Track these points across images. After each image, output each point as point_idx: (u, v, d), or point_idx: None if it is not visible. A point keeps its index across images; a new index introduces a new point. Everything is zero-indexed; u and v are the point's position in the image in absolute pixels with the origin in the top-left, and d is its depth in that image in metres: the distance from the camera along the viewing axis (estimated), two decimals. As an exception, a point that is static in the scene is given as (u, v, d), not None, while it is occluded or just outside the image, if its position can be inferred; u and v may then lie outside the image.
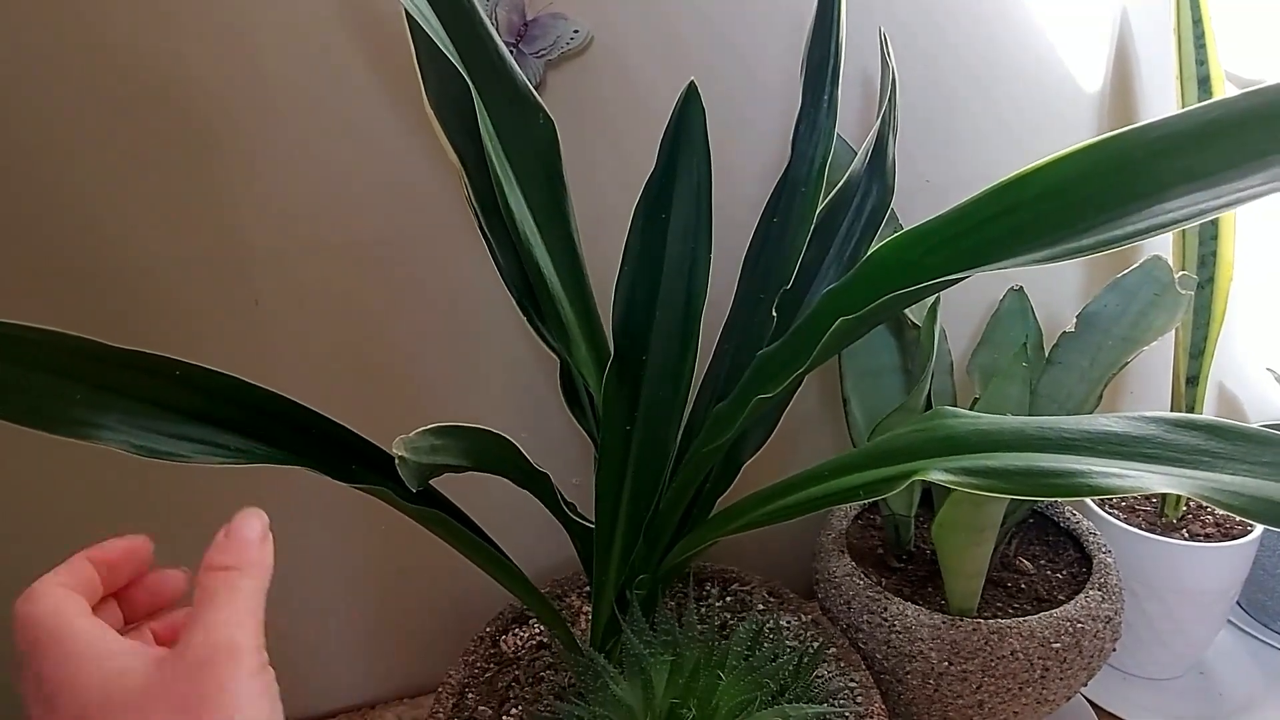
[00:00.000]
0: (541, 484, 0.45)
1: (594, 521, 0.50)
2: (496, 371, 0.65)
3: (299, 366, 0.60)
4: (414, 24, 0.45)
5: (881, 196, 0.57)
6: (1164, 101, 0.76)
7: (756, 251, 0.57)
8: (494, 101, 0.46)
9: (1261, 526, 0.67)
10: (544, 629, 0.60)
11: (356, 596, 0.68)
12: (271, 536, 0.31)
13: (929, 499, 0.70)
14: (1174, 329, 0.63)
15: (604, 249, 0.53)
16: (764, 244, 0.57)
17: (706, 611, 0.51)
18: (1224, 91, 0.67)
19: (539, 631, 0.60)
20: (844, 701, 0.51)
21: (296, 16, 0.53)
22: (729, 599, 0.63)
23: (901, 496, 0.65)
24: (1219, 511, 0.70)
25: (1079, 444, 0.35)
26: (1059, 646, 0.52)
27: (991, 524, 0.54)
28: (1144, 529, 0.68)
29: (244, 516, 0.31)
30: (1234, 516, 0.46)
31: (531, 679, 0.56)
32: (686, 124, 0.53)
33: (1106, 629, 0.55)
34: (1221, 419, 0.33)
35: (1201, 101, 0.52)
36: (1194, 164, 0.30)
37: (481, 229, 0.49)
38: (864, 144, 0.56)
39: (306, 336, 0.60)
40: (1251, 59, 0.74)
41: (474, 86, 0.43)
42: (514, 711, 0.53)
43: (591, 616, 0.52)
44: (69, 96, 0.50)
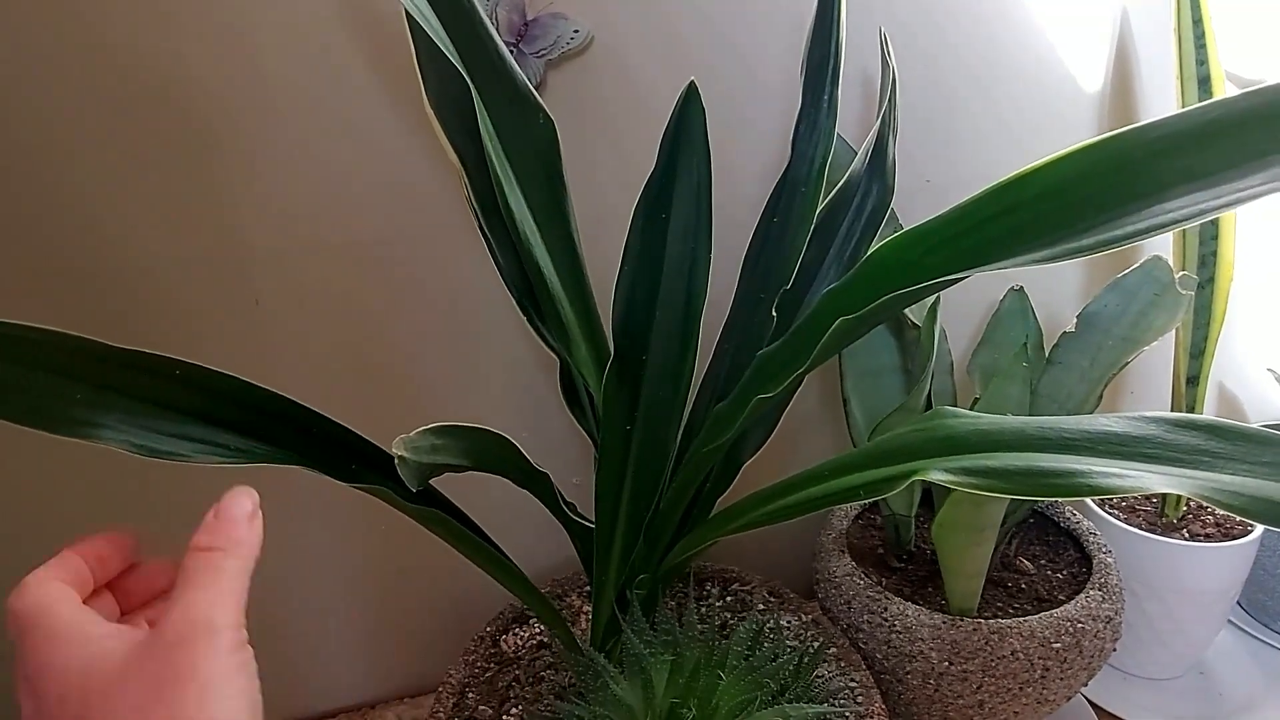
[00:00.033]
0: (541, 484, 0.45)
1: (594, 521, 0.50)
2: (496, 371, 0.65)
3: (299, 366, 0.60)
4: (414, 24, 0.45)
5: (881, 196, 0.57)
6: (1164, 101, 0.76)
7: (756, 251, 0.57)
8: (494, 101, 0.46)
9: (1262, 526, 0.67)
10: (544, 629, 0.60)
11: (357, 596, 0.68)
12: (261, 514, 0.31)
13: (929, 499, 0.70)
14: (1174, 329, 0.63)
15: (604, 249, 0.53)
16: (764, 244, 0.57)
17: (707, 611, 0.51)
18: (1224, 91, 0.66)
19: (539, 631, 0.60)
20: (844, 701, 0.51)
21: (296, 16, 0.53)
22: (729, 599, 0.63)
23: (902, 496, 0.65)
24: (1219, 511, 0.70)
25: (1079, 444, 0.35)
26: (1059, 646, 0.52)
27: (991, 524, 0.54)
28: (1144, 529, 0.68)
29: (232, 495, 0.31)
30: (1234, 516, 0.46)
31: (532, 679, 0.56)
32: (687, 124, 0.53)
33: (1107, 629, 0.55)
34: (1222, 419, 0.33)
35: (1202, 101, 0.52)
36: (1194, 164, 0.30)
37: (481, 229, 0.49)
38: (864, 144, 0.56)
39: (307, 336, 0.60)
40: (1252, 59, 0.74)
41: (474, 86, 0.43)
42: (514, 711, 0.53)
43: (592, 616, 0.52)
44: (69, 96, 0.50)
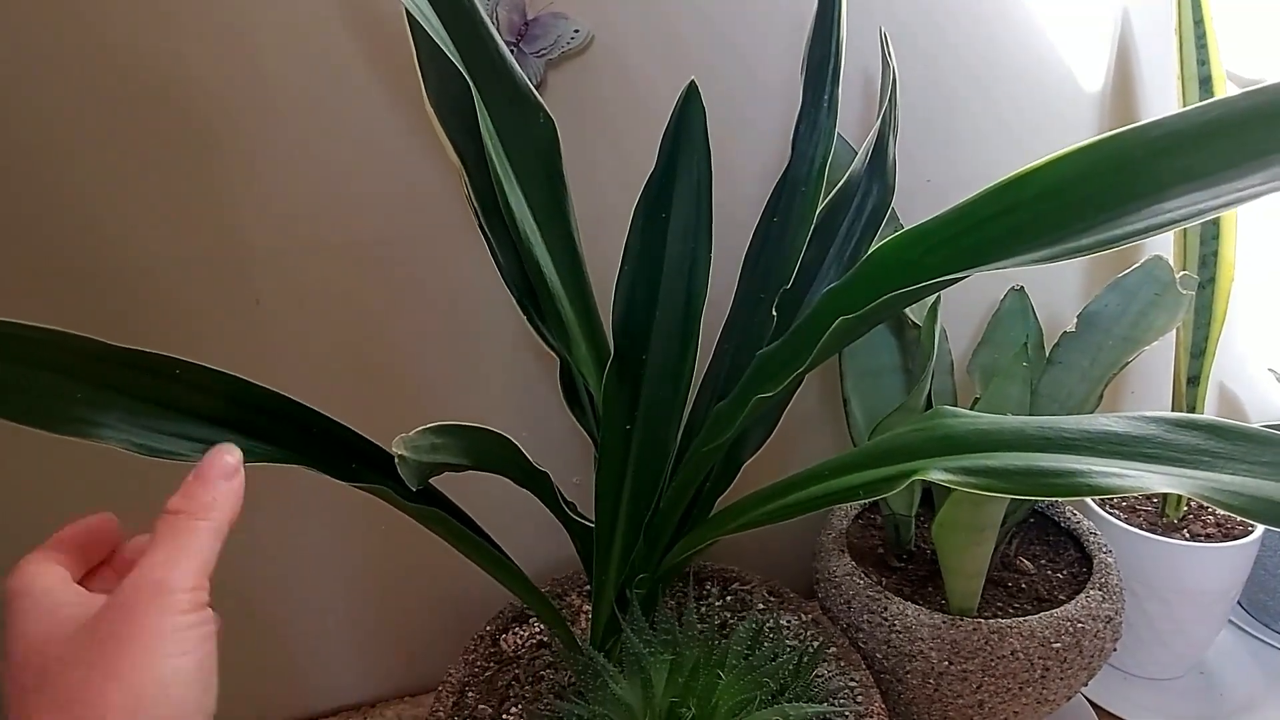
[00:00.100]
0: (541, 483, 0.45)
1: (594, 520, 0.50)
2: (496, 371, 0.65)
3: (299, 366, 0.60)
4: (414, 23, 0.45)
5: (882, 196, 0.57)
6: (1165, 101, 0.76)
7: (757, 251, 0.57)
8: (494, 101, 0.46)
9: (1262, 526, 0.67)
10: (544, 628, 0.60)
11: (357, 595, 0.68)
12: (242, 473, 0.31)
13: (929, 499, 0.70)
14: (1175, 329, 0.63)
15: (604, 248, 0.53)
16: (764, 243, 0.57)
17: (706, 611, 0.51)
18: (1225, 91, 0.66)
19: (539, 630, 0.60)
20: (844, 701, 0.51)
21: (296, 16, 0.53)
22: (729, 598, 0.63)
23: (902, 496, 0.65)
24: (1220, 511, 0.70)
25: (1079, 444, 0.35)
26: (1059, 646, 0.52)
27: (991, 524, 0.54)
28: (1145, 529, 0.68)
29: (212, 453, 0.31)
30: (1235, 517, 0.46)
31: (531, 678, 0.56)
32: (687, 123, 0.53)
33: (1107, 629, 0.55)
34: (1222, 419, 0.33)
35: (1203, 101, 0.52)
36: (1193, 163, 0.30)
37: (482, 228, 0.49)
38: (864, 144, 0.56)
39: (307, 336, 0.60)
40: (1253, 59, 0.74)
41: (474, 86, 0.43)
42: (514, 710, 0.53)
43: (591, 615, 0.52)
44: (69, 96, 0.50)
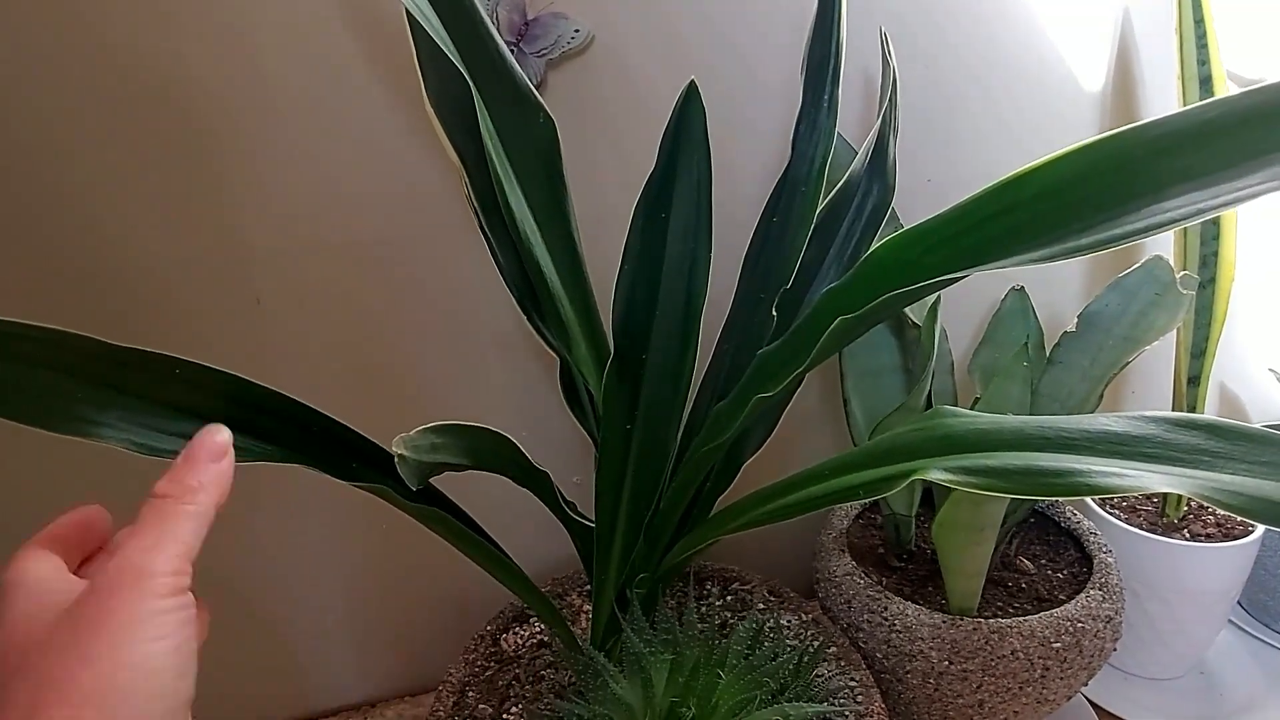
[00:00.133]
0: (541, 483, 0.45)
1: (594, 520, 0.50)
2: (496, 370, 0.65)
3: (299, 365, 0.60)
4: (414, 23, 0.45)
5: (882, 196, 0.57)
6: (1165, 101, 0.76)
7: (757, 251, 0.57)
8: (494, 101, 0.46)
9: (1263, 526, 0.67)
10: (544, 627, 0.60)
11: (357, 594, 0.68)
12: (232, 453, 0.30)
13: (930, 498, 0.70)
14: (1175, 329, 0.63)
15: (604, 248, 0.53)
16: (764, 243, 0.57)
17: (707, 610, 0.51)
18: (1225, 91, 0.66)
19: (539, 630, 0.60)
20: (844, 700, 0.51)
21: (296, 16, 0.53)
22: (729, 598, 0.63)
23: (902, 496, 0.65)
24: (1220, 511, 0.70)
25: (1078, 443, 0.35)
26: (1059, 646, 0.52)
27: (991, 523, 0.54)
28: (1145, 529, 0.68)
29: (201, 435, 0.30)
30: (1235, 516, 0.46)
31: (532, 677, 0.56)
32: (687, 123, 0.53)
33: (1107, 629, 0.54)
34: (1221, 418, 0.33)
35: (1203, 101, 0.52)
36: (1193, 163, 0.30)
37: (482, 228, 0.49)
38: (864, 143, 0.56)
39: (307, 336, 0.60)
40: (1253, 59, 0.74)
41: (474, 86, 0.43)
42: (514, 710, 0.53)
43: (592, 615, 0.52)
44: (69, 96, 0.51)
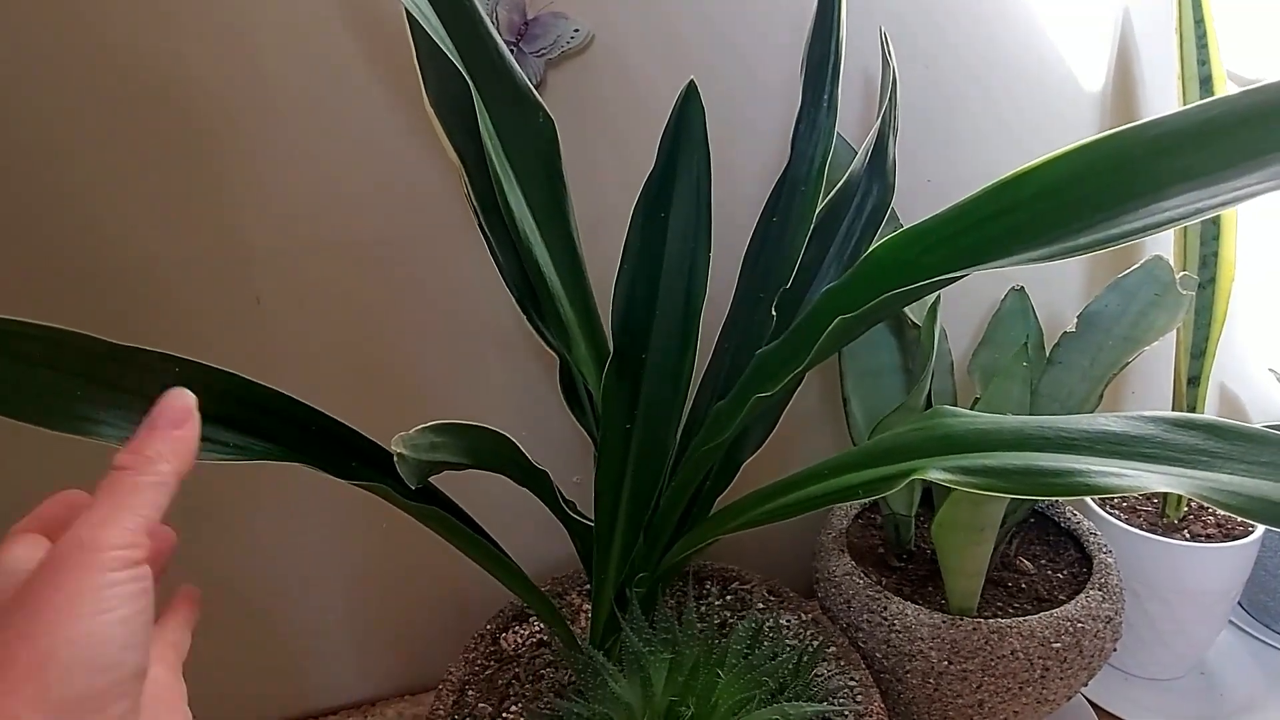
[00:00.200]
0: (541, 482, 0.45)
1: (594, 519, 0.50)
2: (496, 370, 0.65)
3: (299, 365, 0.60)
4: (414, 23, 0.45)
5: (882, 196, 0.57)
6: (1166, 101, 0.76)
7: (756, 250, 0.57)
8: (494, 100, 0.46)
9: (1263, 527, 0.67)
10: (544, 627, 0.60)
11: (357, 593, 0.68)
12: (196, 418, 0.29)
13: (929, 498, 0.70)
14: (1175, 329, 0.63)
15: (604, 248, 0.53)
16: (764, 243, 0.57)
17: (706, 610, 0.51)
18: (1226, 91, 0.66)
19: (539, 629, 0.60)
20: (843, 700, 0.51)
21: (296, 16, 0.53)
22: (729, 597, 0.63)
23: (901, 496, 0.65)
24: (1220, 512, 0.70)
25: (1078, 443, 0.35)
26: (1059, 646, 0.52)
27: (991, 523, 0.54)
28: (1145, 529, 0.68)
29: (162, 400, 0.29)
30: (1235, 517, 0.46)
31: (531, 676, 0.56)
32: (686, 123, 0.53)
33: (1107, 629, 0.54)
34: (1220, 419, 0.33)
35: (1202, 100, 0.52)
36: (1192, 163, 0.30)
37: (481, 228, 0.49)
38: (864, 143, 0.56)
39: (307, 335, 0.60)
40: (1253, 58, 0.74)
41: (474, 85, 0.43)
42: (514, 709, 0.53)
43: (591, 614, 0.53)
44: (69, 96, 0.51)
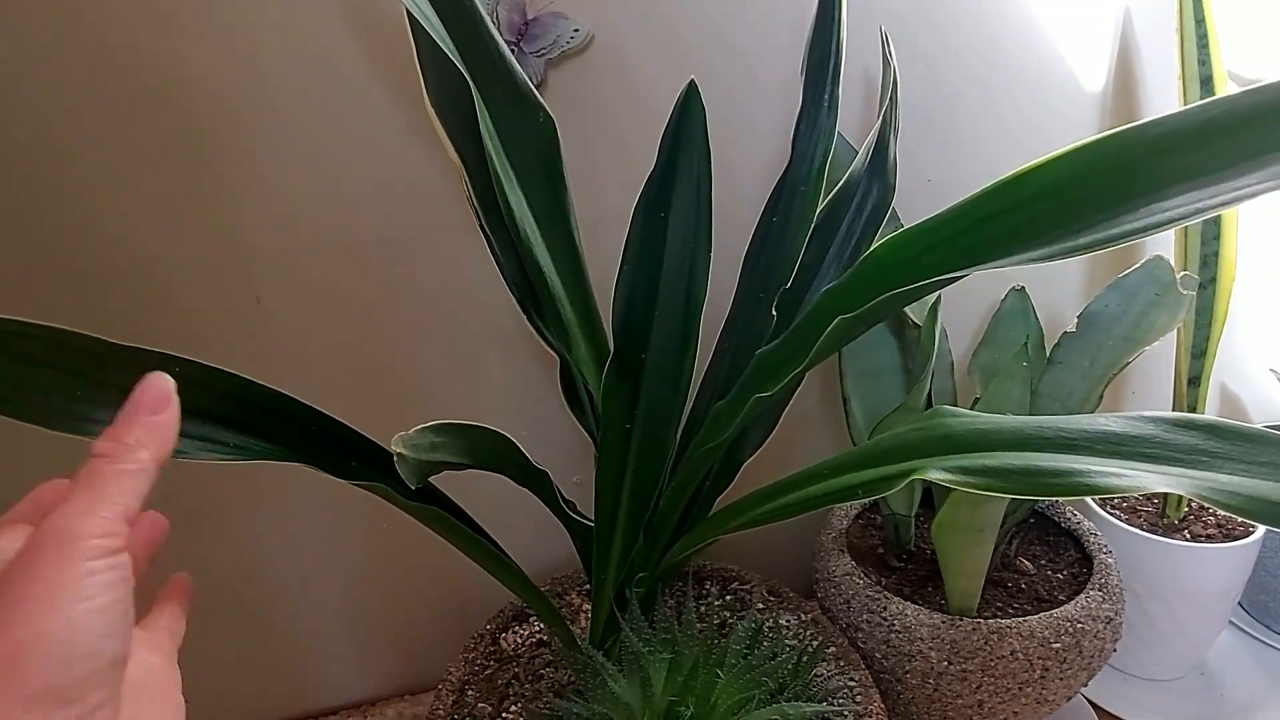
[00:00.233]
0: (541, 482, 0.45)
1: (593, 519, 0.50)
2: (496, 370, 0.65)
3: (299, 364, 0.60)
4: (415, 23, 0.45)
5: (882, 196, 0.57)
6: (1166, 101, 0.76)
7: (756, 250, 0.57)
8: (494, 100, 0.46)
9: (1263, 527, 0.67)
10: (544, 627, 0.60)
11: (357, 593, 0.68)
12: (175, 402, 0.28)
13: (929, 498, 0.70)
14: (1176, 329, 0.63)
15: (604, 248, 0.53)
16: (764, 243, 0.57)
17: (705, 610, 0.51)
18: (1226, 91, 0.66)
19: (539, 629, 0.60)
20: (843, 700, 0.51)
21: (296, 16, 0.53)
22: (728, 597, 0.63)
23: (901, 496, 0.65)
24: (1221, 512, 0.70)
25: (1078, 443, 0.35)
26: (1059, 647, 0.52)
27: (991, 524, 0.54)
28: (1145, 529, 0.68)
29: (140, 386, 0.28)
30: (1235, 517, 0.46)
31: (531, 676, 0.56)
32: (686, 123, 0.53)
33: (1107, 629, 0.54)
34: (1220, 419, 0.33)
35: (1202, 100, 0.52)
36: (1192, 163, 0.30)
37: (482, 227, 0.49)
38: (865, 143, 0.55)
39: (307, 335, 0.60)
40: (1254, 59, 0.74)
41: (474, 85, 0.43)
42: (513, 708, 0.53)
43: (591, 614, 0.53)
44: (69, 96, 0.51)
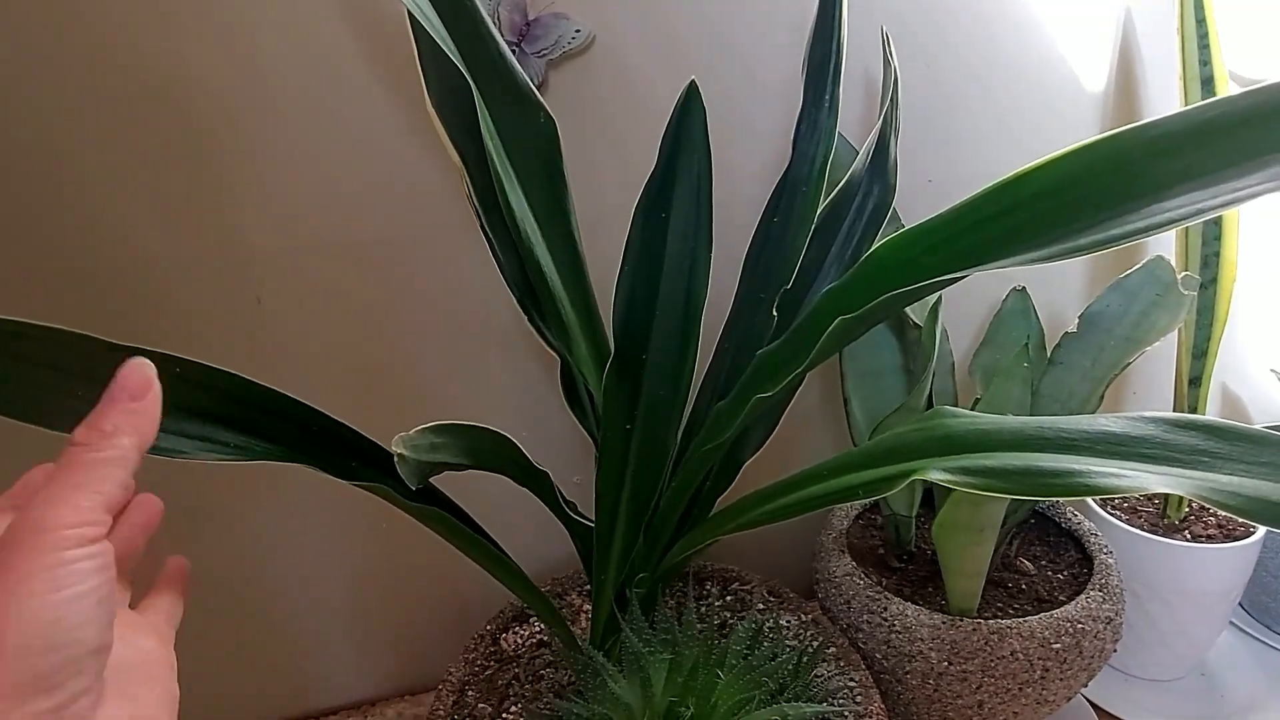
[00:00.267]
0: (541, 482, 0.45)
1: (594, 520, 0.50)
2: (497, 370, 0.65)
3: (300, 365, 0.60)
4: (415, 23, 0.45)
5: (883, 196, 0.57)
6: (1167, 102, 0.76)
7: (757, 251, 0.57)
8: (495, 100, 0.46)
9: (1264, 528, 0.67)
10: (544, 627, 0.60)
11: (357, 594, 0.68)
12: (156, 388, 0.28)
13: (930, 499, 0.70)
14: (1177, 329, 0.63)
15: (605, 248, 0.53)
16: (765, 243, 0.57)
17: (706, 610, 0.51)
18: (1227, 92, 0.66)
19: (539, 629, 0.60)
20: (843, 701, 0.51)
21: (296, 16, 0.53)
22: (729, 598, 0.63)
23: (902, 496, 0.65)
24: (1221, 512, 0.70)
25: (1078, 444, 0.35)
26: (1059, 647, 0.52)
27: (991, 524, 0.53)
28: (1146, 530, 0.68)
29: (120, 372, 0.28)
30: (1236, 518, 0.46)
31: (531, 677, 0.56)
32: (687, 123, 0.53)
33: (1107, 630, 0.54)
34: (1220, 419, 0.33)
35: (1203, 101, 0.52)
36: (1192, 163, 0.30)
37: (482, 227, 0.49)
38: (865, 143, 0.56)
39: (307, 335, 0.60)
40: (1255, 59, 0.74)
41: (475, 85, 0.43)
42: (514, 709, 0.53)
43: (591, 615, 0.53)
44: (69, 96, 0.51)
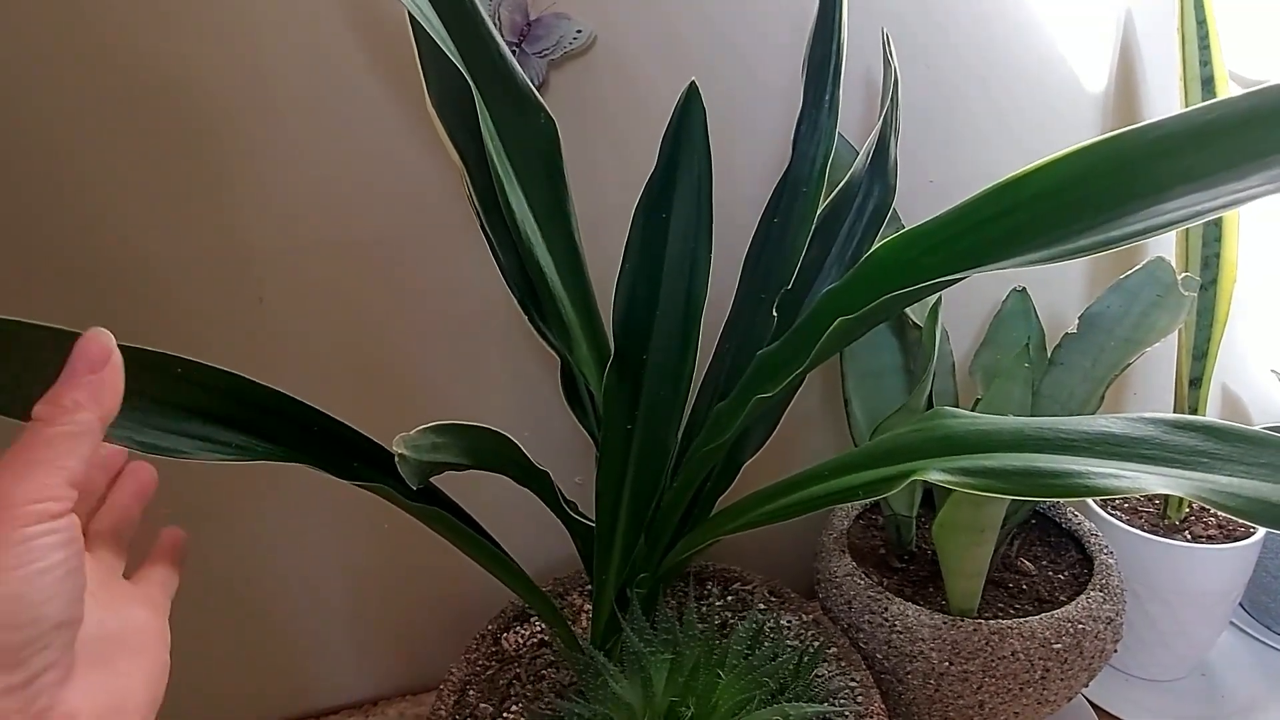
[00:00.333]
0: (542, 482, 0.45)
1: (595, 520, 0.50)
2: (497, 370, 0.65)
3: (301, 365, 0.60)
4: (416, 23, 0.45)
5: (883, 197, 0.57)
6: (1168, 102, 0.76)
7: (757, 251, 0.57)
8: (495, 101, 0.46)
9: (1264, 529, 0.67)
10: (545, 627, 0.60)
11: (359, 594, 0.68)
12: (116, 358, 0.28)
13: (930, 499, 0.70)
14: (1177, 330, 0.63)
15: (605, 248, 0.53)
16: (765, 244, 0.57)
17: (707, 610, 0.51)
18: (1228, 92, 0.66)
19: (540, 629, 0.60)
20: (844, 701, 0.51)
21: (296, 16, 0.53)
22: (730, 598, 0.63)
23: (902, 496, 0.65)
24: (1222, 513, 0.70)
25: (1077, 444, 0.35)
26: (1060, 647, 0.52)
27: (992, 524, 0.54)
28: (1146, 530, 0.68)
29: (79, 344, 0.28)
30: (1236, 518, 0.46)
31: (532, 676, 0.56)
32: (687, 123, 0.53)
33: (1107, 630, 0.54)
34: (1219, 420, 0.33)
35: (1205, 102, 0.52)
36: (1192, 165, 0.30)
37: (483, 228, 0.49)
38: (866, 144, 0.56)
39: (308, 335, 0.60)
40: (1256, 59, 0.74)
41: (475, 86, 0.43)
42: (515, 708, 0.53)
43: (592, 615, 0.53)
44: (69, 96, 0.51)
